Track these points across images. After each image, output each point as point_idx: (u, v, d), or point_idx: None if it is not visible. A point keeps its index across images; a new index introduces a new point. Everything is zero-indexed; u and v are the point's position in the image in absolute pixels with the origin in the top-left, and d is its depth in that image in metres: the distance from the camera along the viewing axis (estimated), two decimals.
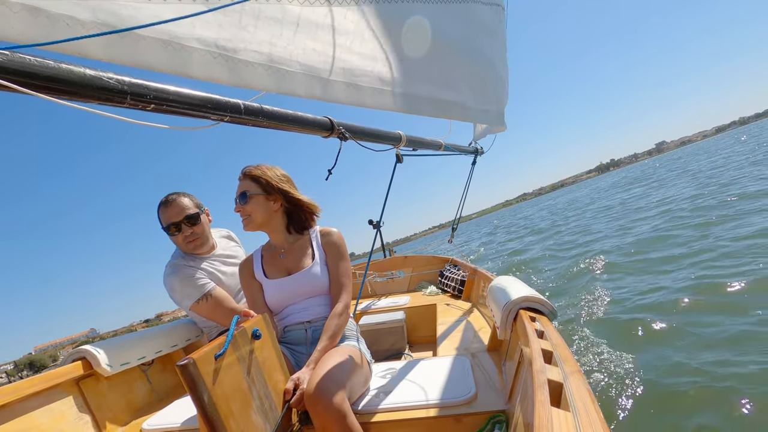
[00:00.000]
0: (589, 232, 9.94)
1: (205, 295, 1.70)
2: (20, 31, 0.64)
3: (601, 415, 0.61)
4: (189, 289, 1.70)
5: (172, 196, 1.76)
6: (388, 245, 4.03)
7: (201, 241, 1.79)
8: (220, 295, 1.73)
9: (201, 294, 1.70)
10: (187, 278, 1.71)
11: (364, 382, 1.32)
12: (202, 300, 1.70)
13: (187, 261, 1.79)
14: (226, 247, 1.98)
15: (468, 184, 3.41)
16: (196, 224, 1.76)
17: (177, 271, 1.73)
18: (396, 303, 2.81)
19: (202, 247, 1.82)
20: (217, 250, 1.91)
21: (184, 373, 0.83)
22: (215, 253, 1.89)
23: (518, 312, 1.28)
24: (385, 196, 1.88)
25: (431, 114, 1.68)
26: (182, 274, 1.72)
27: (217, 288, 1.74)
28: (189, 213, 1.74)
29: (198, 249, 1.81)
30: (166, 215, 1.74)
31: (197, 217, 1.77)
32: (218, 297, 1.72)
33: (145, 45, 0.79)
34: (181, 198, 1.76)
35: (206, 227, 1.84)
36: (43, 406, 1.34)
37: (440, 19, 1.63)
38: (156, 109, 0.90)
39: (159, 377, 1.83)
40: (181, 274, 1.72)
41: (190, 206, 1.76)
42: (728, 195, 7.87)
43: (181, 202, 1.74)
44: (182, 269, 1.74)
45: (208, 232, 1.86)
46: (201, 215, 1.80)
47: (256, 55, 1.00)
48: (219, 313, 1.74)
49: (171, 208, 1.73)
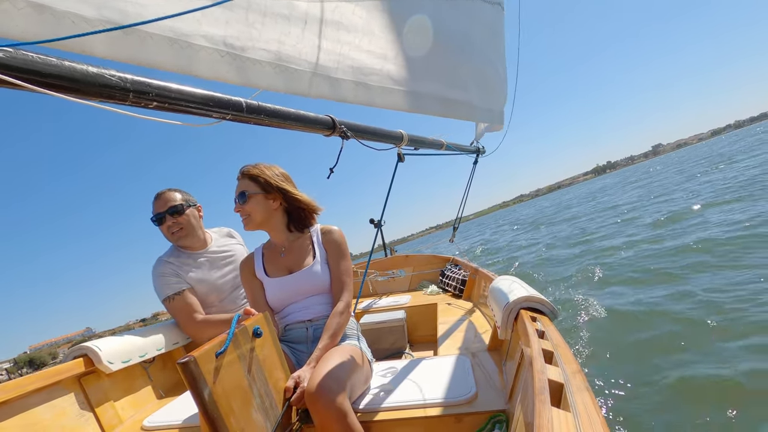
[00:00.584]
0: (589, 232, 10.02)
1: (170, 296, 1.79)
2: (24, 28, 0.64)
3: (602, 416, 0.61)
4: (160, 285, 1.81)
5: (163, 190, 1.89)
6: (388, 244, 4.03)
7: (184, 233, 1.87)
8: (182, 302, 1.80)
9: (166, 294, 1.80)
10: (161, 276, 1.82)
11: (364, 381, 1.33)
12: (167, 300, 1.80)
13: (171, 257, 1.87)
14: (223, 245, 2.04)
15: (469, 183, 3.40)
16: (180, 215, 1.86)
17: (156, 266, 1.85)
18: (397, 302, 2.82)
19: (187, 240, 1.89)
20: (210, 247, 1.98)
21: (185, 370, 0.83)
22: (208, 249, 1.97)
23: (519, 312, 1.28)
24: (386, 195, 1.88)
25: (439, 113, 1.68)
26: (159, 271, 1.83)
27: (185, 293, 1.81)
28: (172, 204, 1.85)
29: (182, 241, 1.89)
30: (155, 207, 1.87)
31: (181, 209, 1.86)
32: (181, 303, 1.80)
33: (151, 43, 0.78)
34: (170, 192, 1.88)
35: (192, 221, 1.91)
36: (44, 402, 1.34)
37: (446, 16, 1.62)
38: (158, 107, 0.89)
39: (160, 374, 1.83)
40: (157, 271, 1.83)
41: (176, 199, 1.87)
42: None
43: (167, 195, 1.87)
44: (161, 266, 1.84)
45: (196, 227, 1.92)
46: (187, 208, 1.89)
47: (264, 53, 0.99)
48: (178, 318, 1.83)
49: (159, 201, 1.86)
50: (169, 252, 1.92)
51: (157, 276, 1.83)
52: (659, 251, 5.69)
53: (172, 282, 1.81)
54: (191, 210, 1.91)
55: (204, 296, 1.89)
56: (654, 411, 2.23)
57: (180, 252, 1.91)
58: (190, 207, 1.91)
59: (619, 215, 11.36)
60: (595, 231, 10.09)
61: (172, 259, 1.87)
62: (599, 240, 8.50)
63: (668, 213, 8.64)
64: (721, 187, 10.29)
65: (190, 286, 1.84)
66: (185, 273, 1.85)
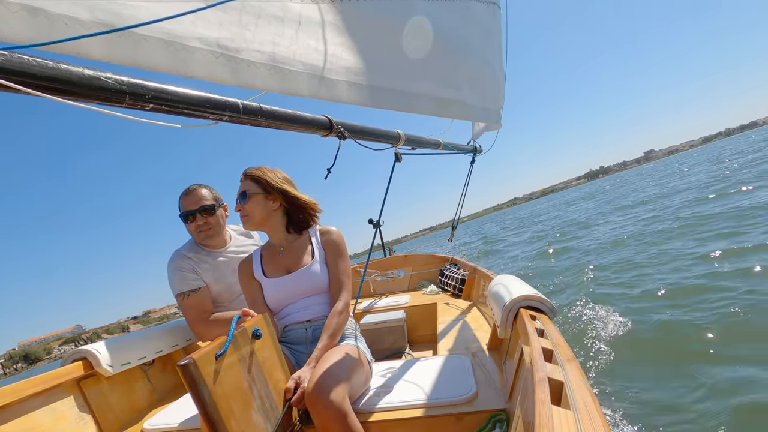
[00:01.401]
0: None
1: (186, 292, 1.76)
2: (19, 31, 0.64)
3: (602, 414, 0.61)
4: (176, 280, 1.77)
5: (194, 186, 1.84)
6: (387, 244, 4.03)
7: (213, 233, 1.84)
8: (197, 299, 1.76)
9: (182, 290, 1.75)
10: (178, 270, 1.78)
11: (364, 381, 1.33)
12: (181, 296, 1.76)
13: (190, 252, 1.83)
14: (241, 244, 2.01)
15: (467, 182, 3.41)
16: (211, 215, 1.82)
17: (175, 259, 1.81)
18: (396, 302, 2.82)
19: (213, 240, 1.86)
20: (229, 246, 1.95)
21: (185, 372, 0.83)
22: (227, 248, 1.94)
23: (518, 310, 1.28)
24: (384, 195, 1.88)
25: (434, 112, 1.68)
26: (177, 264, 1.79)
27: (201, 291, 1.77)
28: (204, 204, 1.81)
29: (208, 240, 1.85)
30: (185, 203, 1.82)
31: (212, 209, 1.83)
32: (195, 300, 1.76)
33: (146, 45, 0.78)
34: (201, 189, 1.84)
35: (221, 221, 1.89)
36: (44, 406, 1.34)
37: (439, 16, 1.62)
38: (155, 109, 0.89)
39: (160, 377, 1.83)
40: (175, 264, 1.79)
41: (208, 198, 1.83)
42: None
43: (199, 193, 1.82)
44: (180, 259, 1.80)
45: (222, 226, 1.90)
46: (218, 208, 1.85)
47: (258, 54, 0.99)
48: (189, 315, 1.78)
49: (190, 197, 1.82)
50: (188, 246, 1.87)
51: (174, 269, 1.78)
52: (659, 251, 5.72)
53: (189, 278, 1.77)
54: (220, 210, 1.88)
55: (216, 296, 1.86)
56: (654, 408, 2.24)
57: (200, 248, 1.87)
58: (220, 207, 1.88)
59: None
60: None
61: (192, 254, 1.82)
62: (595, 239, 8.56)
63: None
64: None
65: (206, 284, 1.81)
66: (203, 271, 1.81)
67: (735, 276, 3.72)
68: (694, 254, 4.80)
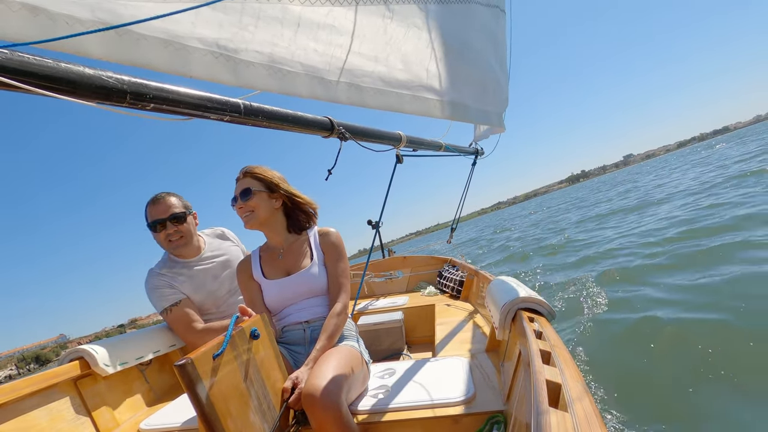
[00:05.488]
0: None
1: (167, 308, 1.76)
2: (20, 29, 0.64)
3: (599, 416, 0.61)
4: (155, 299, 1.77)
5: (161, 194, 1.79)
6: (386, 245, 4.04)
7: (184, 242, 1.81)
8: (180, 311, 1.76)
9: (163, 306, 1.76)
10: (154, 289, 1.77)
11: (362, 382, 1.32)
12: (164, 312, 1.77)
13: (163, 269, 1.81)
14: (216, 249, 1.96)
15: (468, 184, 3.41)
16: (181, 224, 1.79)
17: (149, 279, 1.79)
18: (394, 303, 2.81)
19: (184, 249, 1.83)
20: (203, 253, 1.91)
21: (182, 372, 0.83)
22: (202, 256, 1.90)
23: (517, 312, 1.29)
24: (384, 196, 1.88)
25: (433, 114, 1.68)
26: (151, 284, 1.78)
27: (182, 303, 1.77)
28: (175, 212, 1.77)
29: (180, 250, 1.82)
30: (153, 212, 1.76)
31: (183, 217, 1.79)
32: (179, 313, 1.76)
33: (146, 44, 0.78)
34: (170, 197, 1.79)
35: (192, 228, 1.85)
36: (41, 405, 1.33)
37: (440, 19, 1.63)
38: (155, 109, 0.90)
39: (157, 377, 1.82)
40: (150, 284, 1.78)
41: (178, 205, 1.79)
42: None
43: (168, 201, 1.78)
44: (154, 278, 1.79)
45: (194, 235, 1.87)
46: (187, 216, 1.81)
47: (258, 55, 1.00)
48: (177, 329, 1.79)
49: (158, 206, 1.76)
50: (161, 263, 1.84)
51: (150, 289, 1.77)
52: (658, 251, 5.73)
53: (167, 294, 1.75)
54: (190, 218, 1.84)
55: (200, 304, 1.84)
56: (652, 411, 2.23)
57: (174, 262, 1.84)
58: (190, 215, 1.84)
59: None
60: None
61: (165, 270, 1.80)
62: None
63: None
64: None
65: (186, 295, 1.79)
66: (180, 284, 1.79)
67: (731, 273, 3.71)
68: (695, 254, 4.80)
